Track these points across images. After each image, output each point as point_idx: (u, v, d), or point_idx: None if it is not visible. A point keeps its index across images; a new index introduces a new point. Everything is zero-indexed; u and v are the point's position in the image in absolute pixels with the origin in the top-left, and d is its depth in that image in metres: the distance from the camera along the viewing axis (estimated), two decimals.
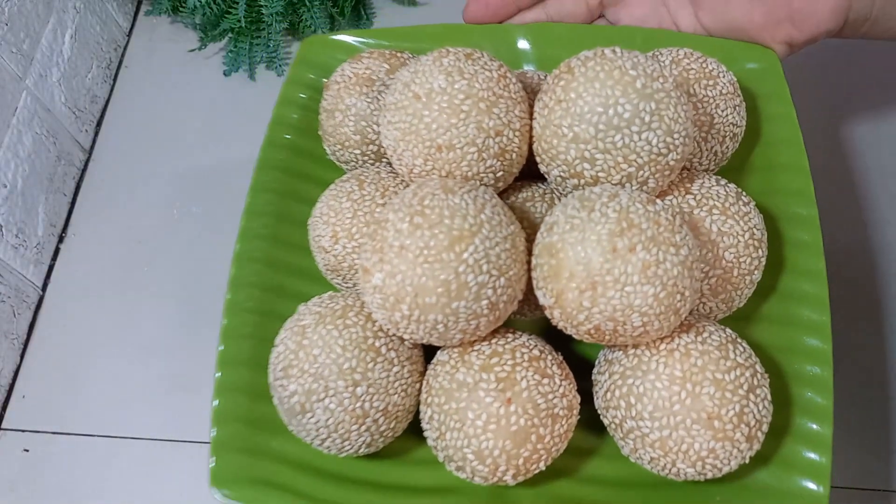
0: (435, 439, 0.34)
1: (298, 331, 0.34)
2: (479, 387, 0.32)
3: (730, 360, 0.32)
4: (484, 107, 0.34)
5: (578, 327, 0.32)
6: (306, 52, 0.46)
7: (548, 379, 0.33)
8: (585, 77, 0.33)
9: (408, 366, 0.35)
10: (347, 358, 0.33)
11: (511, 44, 0.45)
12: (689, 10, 0.44)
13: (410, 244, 0.31)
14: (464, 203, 0.32)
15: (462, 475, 0.34)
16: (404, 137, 0.35)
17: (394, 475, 0.37)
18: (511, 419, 0.32)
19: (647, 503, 0.36)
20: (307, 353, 0.33)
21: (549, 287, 0.32)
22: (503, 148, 0.34)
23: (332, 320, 0.34)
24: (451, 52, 0.35)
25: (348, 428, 0.33)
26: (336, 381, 0.33)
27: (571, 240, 0.32)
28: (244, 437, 0.37)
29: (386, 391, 0.34)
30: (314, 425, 0.33)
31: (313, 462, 0.37)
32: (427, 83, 0.34)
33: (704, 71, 0.39)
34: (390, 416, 0.34)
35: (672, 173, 0.34)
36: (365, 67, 0.40)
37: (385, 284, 0.31)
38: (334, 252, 0.38)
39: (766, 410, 0.33)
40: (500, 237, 0.32)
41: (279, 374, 0.34)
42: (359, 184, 0.38)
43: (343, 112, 0.40)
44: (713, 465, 0.33)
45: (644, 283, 0.31)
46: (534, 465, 0.33)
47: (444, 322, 0.32)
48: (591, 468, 0.37)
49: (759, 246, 0.36)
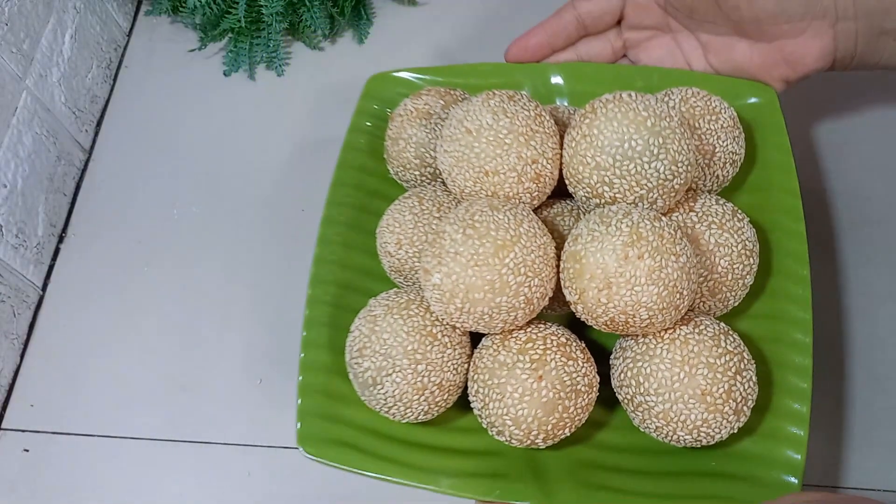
0: (480, 409, 0.41)
1: (371, 319, 0.42)
2: (517, 366, 0.40)
3: (721, 348, 0.39)
4: (523, 140, 0.41)
5: (597, 319, 0.40)
6: (371, 87, 0.53)
7: (572, 361, 0.40)
8: (606, 116, 0.41)
9: (458, 349, 0.42)
10: (410, 342, 0.41)
11: (546, 79, 0.52)
12: (699, 52, 0.51)
13: (463, 251, 0.39)
14: (506, 219, 0.39)
15: (501, 438, 0.41)
16: (458, 164, 0.42)
17: (445, 439, 0.43)
18: (542, 393, 0.39)
19: (652, 467, 0.42)
20: (378, 337, 0.41)
21: (574, 286, 0.40)
22: (538, 173, 0.42)
23: (398, 311, 0.42)
24: (497, 95, 0.43)
25: (410, 398, 0.41)
26: (401, 360, 0.40)
27: (592, 249, 0.39)
28: (323, 406, 0.43)
29: (441, 369, 0.41)
30: (383, 395, 0.41)
31: (378, 427, 0.43)
32: (477, 120, 0.42)
33: (708, 107, 0.46)
34: (444, 389, 0.41)
35: (677, 195, 0.42)
36: (424, 103, 0.48)
37: (442, 283, 0.39)
38: (398, 256, 0.45)
39: (751, 390, 0.40)
40: (535, 246, 0.39)
41: (355, 354, 0.42)
42: (419, 200, 0.45)
43: (406, 140, 0.47)
44: (707, 433, 0.39)
45: (650, 284, 0.38)
46: (560, 431, 0.40)
47: (489, 313, 0.39)
48: (606, 437, 0.43)
49: (750, 255, 0.43)
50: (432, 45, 0.65)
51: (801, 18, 0.46)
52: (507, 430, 0.40)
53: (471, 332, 0.43)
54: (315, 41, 0.66)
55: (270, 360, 0.54)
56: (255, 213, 0.59)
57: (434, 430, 0.44)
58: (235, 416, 0.52)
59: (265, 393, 0.53)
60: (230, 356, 0.54)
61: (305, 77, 0.65)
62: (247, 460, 0.51)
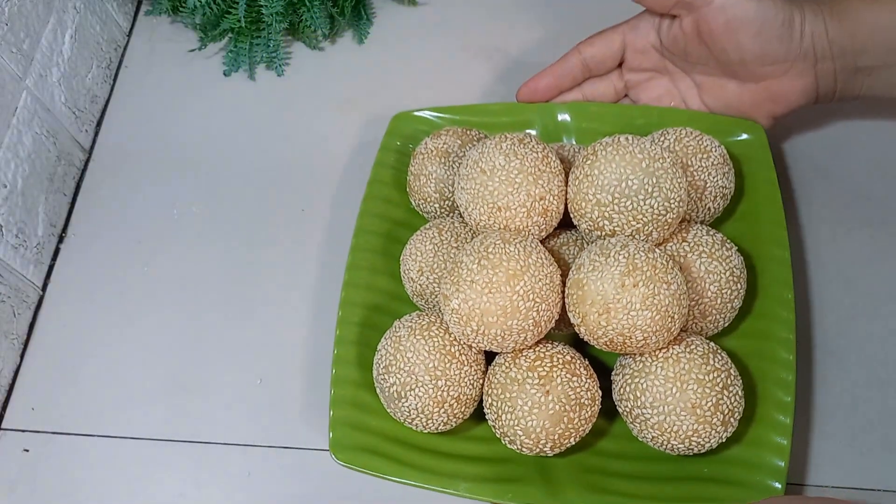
0: (493, 420, 0.45)
1: (396, 339, 0.47)
2: (526, 382, 0.44)
3: (709, 365, 0.44)
4: (532, 179, 0.46)
5: (598, 340, 0.44)
6: (395, 125, 0.57)
7: (576, 377, 0.45)
8: (605, 158, 0.46)
9: (474, 366, 0.46)
10: (432, 360, 0.45)
11: (554, 117, 0.56)
12: (694, 91, 0.56)
13: (479, 279, 0.44)
14: (516, 251, 0.44)
15: (513, 447, 0.45)
16: (473, 200, 0.47)
17: (462, 447, 0.47)
18: (549, 406, 0.43)
19: (650, 472, 0.46)
20: (403, 356, 0.46)
21: (577, 310, 0.44)
22: (545, 208, 0.47)
23: (420, 332, 0.46)
24: (508, 138, 0.47)
25: (431, 410, 0.45)
26: (423, 376, 0.45)
27: (593, 277, 0.44)
28: (352, 417, 0.48)
29: (458, 384, 0.45)
30: (407, 408, 0.46)
31: (402, 436, 0.47)
32: (491, 161, 0.47)
33: (700, 146, 0.50)
34: (461, 402, 0.46)
35: (670, 227, 0.46)
36: (443, 143, 0.52)
37: (460, 307, 0.44)
38: (420, 282, 0.49)
39: (737, 403, 0.44)
40: (542, 275, 0.44)
41: (381, 371, 0.47)
42: (438, 231, 0.50)
43: (426, 176, 0.52)
44: (698, 442, 0.44)
45: (644, 309, 0.43)
46: (566, 440, 0.44)
47: (501, 335, 0.44)
48: (609, 445, 0.48)
49: (737, 281, 0.47)
50: (432, 45, 0.66)
51: (784, 60, 0.50)
52: (518, 439, 0.45)
53: (485, 351, 0.48)
54: (315, 41, 0.66)
55: (270, 360, 0.54)
56: (255, 213, 0.59)
57: (452, 439, 0.48)
58: (235, 416, 0.52)
59: (265, 393, 0.53)
60: (230, 356, 0.54)
61: (305, 77, 0.65)
62: (247, 460, 0.51)
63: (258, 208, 0.60)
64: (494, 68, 0.65)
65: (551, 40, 0.64)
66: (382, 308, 0.52)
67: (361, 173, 0.56)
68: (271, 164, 0.61)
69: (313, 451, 0.52)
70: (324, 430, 0.50)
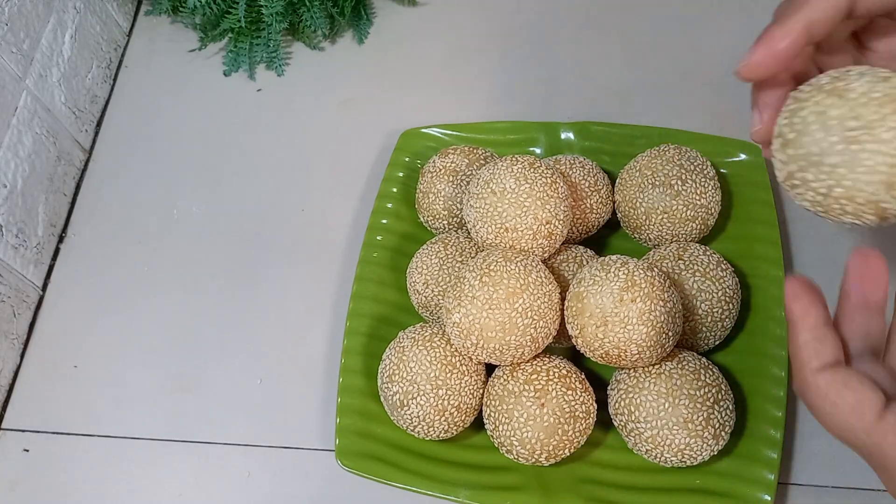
0: (492, 430, 0.47)
1: (399, 350, 0.48)
2: (523, 394, 0.46)
3: (701, 381, 0.45)
4: (539, 204, 0.48)
5: (594, 352, 0.46)
6: (403, 142, 0.59)
7: (571, 391, 0.46)
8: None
9: (474, 377, 0.48)
10: (433, 369, 0.47)
11: (558, 135, 0.58)
12: None
13: (480, 295, 0.45)
14: (517, 269, 0.46)
15: (510, 456, 0.47)
16: (482, 219, 0.49)
17: (462, 455, 0.49)
18: (544, 418, 0.45)
19: (645, 483, 0.48)
20: (406, 366, 0.47)
21: (576, 322, 0.46)
22: (550, 232, 0.48)
23: (423, 343, 0.48)
24: (520, 161, 0.49)
25: (432, 418, 0.47)
26: (425, 385, 0.47)
27: (593, 291, 0.45)
28: (358, 425, 0.50)
29: (459, 393, 0.47)
30: (409, 416, 0.48)
31: (404, 444, 0.49)
32: (501, 184, 0.48)
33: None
34: (461, 411, 0.48)
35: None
36: (451, 161, 0.54)
37: (461, 321, 0.46)
38: (425, 294, 0.51)
39: (728, 417, 0.46)
40: (541, 293, 0.46)
41: (385, 380, 0.49)
42: (444, 246, 0.52)
43: (435, 194, 0.54)
44: (690, 455, 0.45)
45: (640, 324, 0.44)
46: (561, 451, 0.46)
47: (500, 349, 0.46)
48: (604, 456, 0.49)
49: (730, 301, 0.49)
50: (432, 45, 0.66)
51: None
52: (514, 449, 0.46)
53: (485, 364, 0.49)
54: (315, 41, 0.66)
55: (270, 360, 0.54)
56: (255, 213, 0.59)
57: (453, 447, 0.50)
58: (235, 416, 0.53)
59: (265, 393, 0.53)
60: (230, 356, 0.55)
61: (305, 77, 0.65)
62: (247, 460, 0.51)
63: (258, 208, 0.60)
64: (494, 68, 0.64)
65: (551, 39, 0.65)
66: (389, 319, 0.54)
67: (362, 173, 0.57)
68: (271, 164, 0.62)
69: (313, 452, 0.52)
70: (324, 431, 0.51)
